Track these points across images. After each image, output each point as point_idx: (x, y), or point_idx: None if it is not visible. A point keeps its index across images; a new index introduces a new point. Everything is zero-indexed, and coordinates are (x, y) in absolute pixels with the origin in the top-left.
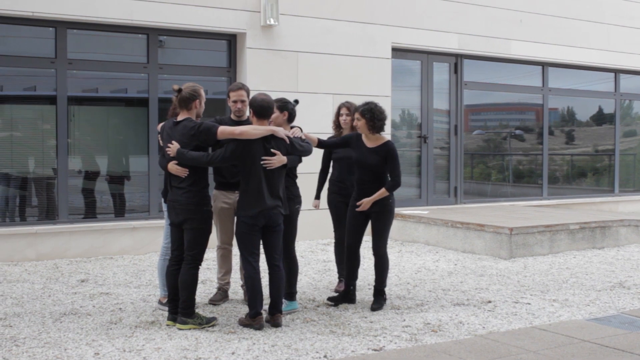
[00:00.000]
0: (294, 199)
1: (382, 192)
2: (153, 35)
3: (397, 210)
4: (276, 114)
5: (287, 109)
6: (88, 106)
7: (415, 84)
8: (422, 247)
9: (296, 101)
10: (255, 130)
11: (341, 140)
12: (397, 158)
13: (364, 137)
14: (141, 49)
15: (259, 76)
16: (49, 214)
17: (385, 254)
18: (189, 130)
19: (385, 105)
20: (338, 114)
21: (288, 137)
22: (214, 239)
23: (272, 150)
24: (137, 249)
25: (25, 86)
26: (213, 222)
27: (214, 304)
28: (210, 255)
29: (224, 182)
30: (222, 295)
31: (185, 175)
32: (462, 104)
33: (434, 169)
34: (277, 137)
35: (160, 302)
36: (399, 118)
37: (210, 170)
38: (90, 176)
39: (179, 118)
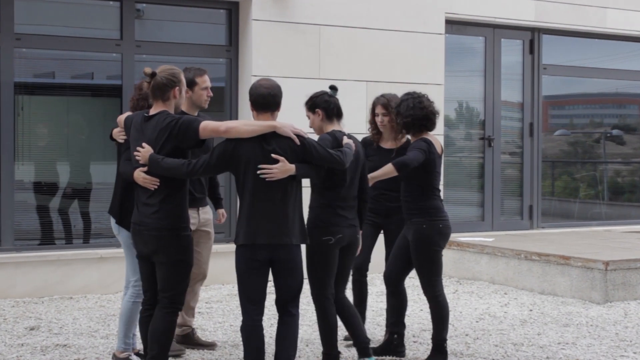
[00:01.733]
0: (322, 228)
1: (389, 171)
2: (128, 2)
3: (451, 237)
4: (311, 117)
5: (319, 104)
6: (42, 96)
7: (476, 68)
8: (486, 287)
9: (333, 88)
10: (246, 126)
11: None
12: (415, 149)
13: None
14: (113, 21)
15: (268, 57)
16: None
17: (435, 296)
18: (164, 128)
19: (437, 96)
20: (373, 113)
21: (299, 135)
22: None
23: (272, 155)
24: (105, 285)
25: None
26: None
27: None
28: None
29: (189, 198)
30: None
31: (155, 187)
32: (540, 95)
33: (502, 181)
34: (280, 136)
35: (115, 357)
36: (454, 113)
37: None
38: (45, 189)
39: (152, 111)
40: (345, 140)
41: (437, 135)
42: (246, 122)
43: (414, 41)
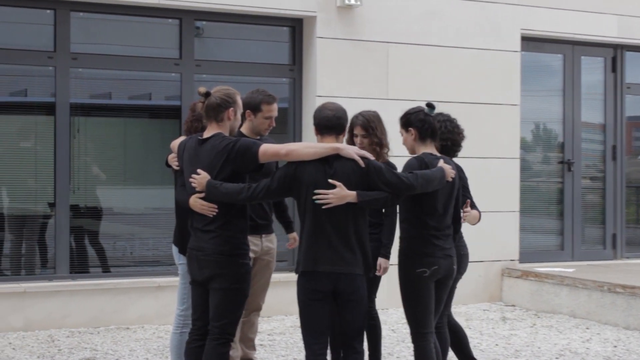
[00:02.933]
0: (415, 259)
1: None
2: (188, 20)
3: (528, 267)
4: (404, 135)
5: (414, 122)
6: (98, 117)
7: (555, 88)
8: (566, 321)
9: (430, 106)
10: (308, 148)
11: None
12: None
13: None
14: (172, 40)
15: (334, 77)
16: (42, 267)
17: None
18: (221, 151)
19: (513, 117)
20: (352, 134)
21: (363, 158)
22: None
23: (329, 180)
24: (162, 315)
25: (12, 90)
26: None
27: None
28: None
29: (250, 224)
30: None
31: (214, 214)
32: (624, 116)
33: (583, 208)
34: (344, 159)
35: None
36: (531, 135)
37: None
38: (101, 214)
39: (206, 134)
40: (439, 164)
41: (514, 159)
42: (308, 144)
43: (488, 59)
